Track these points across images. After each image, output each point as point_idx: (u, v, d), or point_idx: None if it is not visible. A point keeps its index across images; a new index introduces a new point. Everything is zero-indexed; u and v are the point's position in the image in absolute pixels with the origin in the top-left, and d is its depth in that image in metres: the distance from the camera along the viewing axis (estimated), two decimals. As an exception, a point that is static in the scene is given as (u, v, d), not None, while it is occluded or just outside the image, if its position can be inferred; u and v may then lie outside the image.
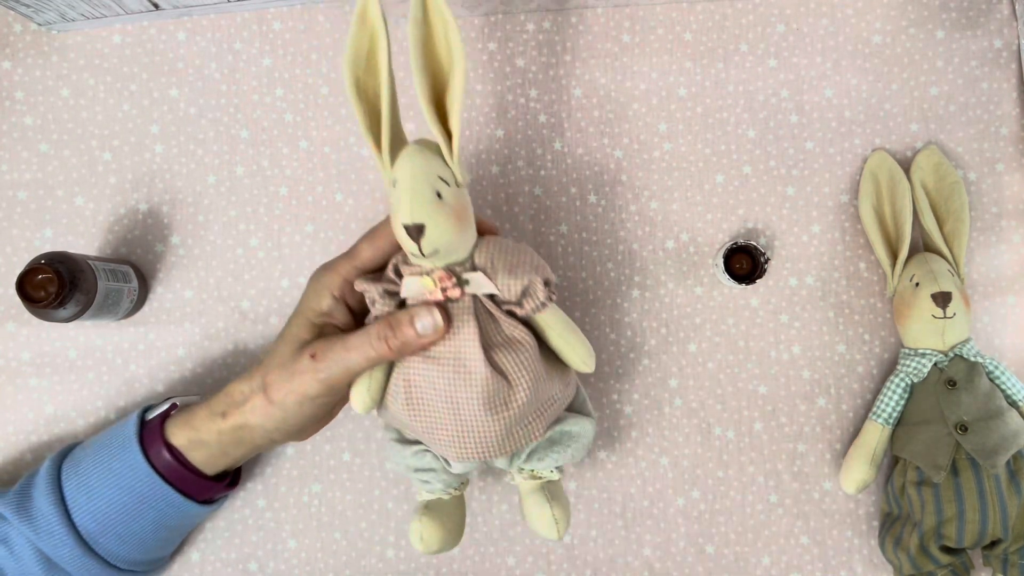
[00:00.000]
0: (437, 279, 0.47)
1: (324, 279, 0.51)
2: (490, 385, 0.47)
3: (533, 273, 0.48)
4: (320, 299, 0.50)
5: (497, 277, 0.47)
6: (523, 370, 0.47)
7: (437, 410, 0.48)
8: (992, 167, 0.64)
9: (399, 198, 0.45)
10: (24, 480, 0.54)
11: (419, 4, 0.45)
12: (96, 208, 0.63)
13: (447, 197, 0.45)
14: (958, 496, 0.55)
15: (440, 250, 0.45)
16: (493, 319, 0.48)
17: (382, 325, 0.47)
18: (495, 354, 0.47)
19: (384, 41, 0.45)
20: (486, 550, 0.62)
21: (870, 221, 0.62)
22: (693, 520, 0.62)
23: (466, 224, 0.47)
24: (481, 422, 0.47)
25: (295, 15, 0.64)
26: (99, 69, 0.63)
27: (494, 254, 0.48)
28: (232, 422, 0.51)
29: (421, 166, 0.45)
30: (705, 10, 0.65)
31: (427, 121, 0.45)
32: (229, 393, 0.52)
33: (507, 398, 0.47)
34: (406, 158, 0.45)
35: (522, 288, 0.47)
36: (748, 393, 0.63)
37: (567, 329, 0.50)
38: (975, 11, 0.65)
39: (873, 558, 0.62)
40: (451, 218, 0.45)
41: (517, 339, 0.48)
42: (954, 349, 0.58)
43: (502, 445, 0.49)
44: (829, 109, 0.64)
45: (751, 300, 0.63)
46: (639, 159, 0.64)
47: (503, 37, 0.64)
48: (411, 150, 0.46)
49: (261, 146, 0.63)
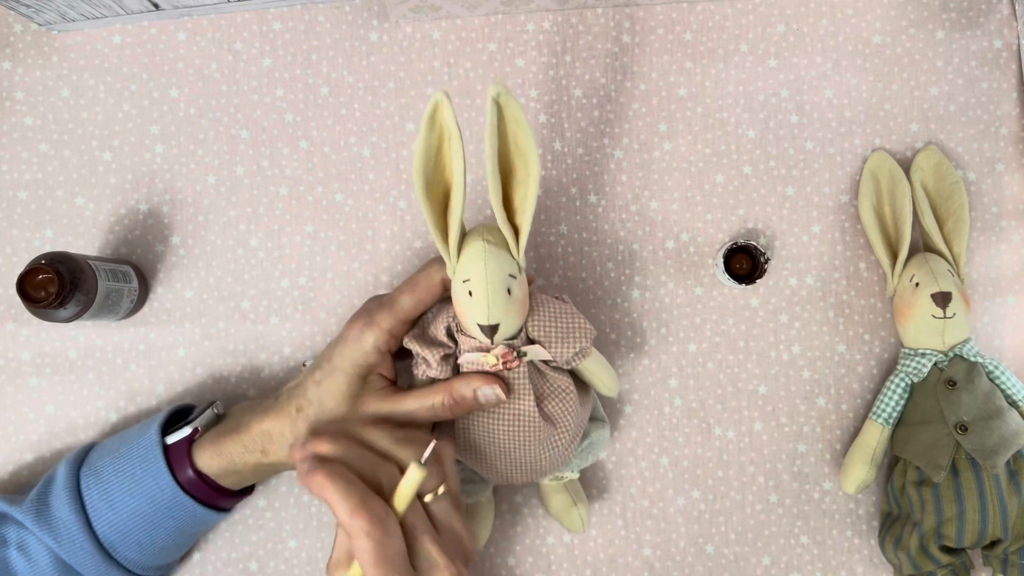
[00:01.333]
0: (499, 355, 0.49)
1: (368, 336, 0.51)
2: (541, 433, 0.51)
3: (584, 339, 0.51)
4: (366, 356, 0.51)
5: (552, 346, 0.51)
6: (567, 415, 0.52)
7: (489, 451, 0.52)
8: (992, 167, 0.64)
9: (475, 301, 0.47)
10: (40, 487, 0.54)
11: (494, 111, 0.45)
12: (96, 208, 0.63)
13: (515, 292, 0.48)
14: (958, 496, 0.55)
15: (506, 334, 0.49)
16: (541, 374, 0.52)
17: (445, 396, 0.50)
18: (544, 404, 0.51)
19: (458, 144, 0.46)
20: (486, 550, 0.62)
21: (870, 221, 0.62)
22: (693, 520, 0.62)
23: (526, 305, 0.50)
24: (529, 459, 0.52)
25: (295, 15, 0.64)
26: (99, 69, 0.63)
27: (546, 324, 0.51)
28: (272, 460, 0.53)
29: (494, 268, 0.47)
30: (705, 10, 0.65)
31: (499, 222, 0.47)
32: (268, 434, 0.52)
33: (553, 440, 0.52)
34: (478, 258, 0.47)
35: (574, 353, 0.51)
36: (748, 393, 0.63)
37: (600, 368, 0.54)
38: (975, 11, 0.65)
39: (873, 558, 0.62)
40: (520, 311, 0.49)
41: (562, 388, 0.52)
42: (954, 349, 0.58)
43: (544, 473, 0.55)
44: (829, 109, 0.64)
45: (751, 300, 0.63)
46: (639, 159, 0.64)
47: (503, 37, 0.64)
48: (482, 249, 0.47)
49: (261, 146, 0.63)
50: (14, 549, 0.53)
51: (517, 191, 0.48)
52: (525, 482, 0.55)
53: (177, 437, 0.54)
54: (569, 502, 0.58)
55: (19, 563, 0.53)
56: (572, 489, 0.59)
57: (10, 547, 0.53)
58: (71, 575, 0.53)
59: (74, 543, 0.52)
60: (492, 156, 0.45)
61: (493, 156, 0.45)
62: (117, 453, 0.54)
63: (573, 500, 0.58)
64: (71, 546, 0.52)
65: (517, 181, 0.48)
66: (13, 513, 0.53)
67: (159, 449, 0.53)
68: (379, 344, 0.51)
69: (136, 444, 0.54)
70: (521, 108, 0.46)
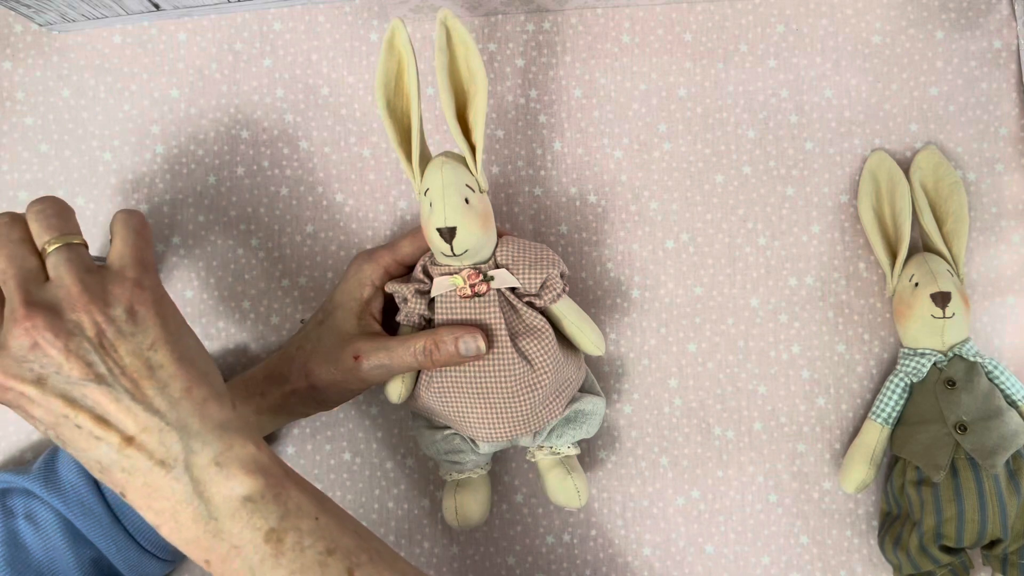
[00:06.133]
0: (466, 276, 0.52)
1: (367, 269, 0.54)
2: (517, 370, 0.52)
3: (551, 267, 0.53)
4: (363, 288, 0.54)
5: (519, 272, 0.53)
6: (545, 355, 0.52)
7: (468, 396, 0.53)
8: (991, 167, 0.64)
9: (432, 205, 0.51)
10: (45, 457, 0.55)
11: (443, 33, 0.51)
12: (96, 208, 0.63)
13: (474, 202, 0.51)
14: (957, 496, 0.55)
15: (469, 250, 0.51)
16: (515, 310, 0.53)
17: (427, 341, 0.51)
18: (519, 342, 0.52)
19: (412, 66, 0.51)
20: (486, 550, 0.62)
21: (869, 221, 0.62)
22: (693, 520, 0.62)
23: (490, 226, 0.52)
24: (509, 404, 0.53)
25: (295, 15, 0.64)
26: (100, 69, 0.63)
27: (515, 252, 0.53)
28: (271, 401, 0.54)
29: (450, 176, 0.51)
30: (705, 10, 0.65)
31: (453, 135, 0.51)
32: (268, 370, 0.54)
33: (532, 381, 0.52)
34: (435, 169, 0.51)
35: (541, 281, 0.53)
36: (748, 393, 0.63)
37: (579, 317, 0.55)
38: (975, 11, 0.65)
39: (873, 558, 0.62)
40: (478, 220, 0.51)
41: (537, 327, 0.53)
42: (953, 349, 0.58)
43: (528, 424, 0.54)
44: (829, 109, 0.64)
45: (751, 300, 0.63)
46: (639, 159, 0.64)
47: (503, 37, 0.64)
48: (439, 162, 0.52)
49: (261, 146, 0.64)
50: (22, 519, 0.53)
51: (470, 110, 0.52)
52: (511, 436, 0.54)
53: None
54: (564, 473, 0.58)
55: (28, 533, 0.53)
56: (568, 464, 0.58)
57: (18, 517, 0.53)
58: (80, 543, 0.53)
59: (83, 505, 0.53)
60: (442, 72, 0.50)
61: (443, 73, 0.50)
62: None
63: (567, 471, 0.58)
64: (79, 508, 0.53)
65: (470, 100, 0.52)
66: (20, 483, 0.54)
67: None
68: (375, 278, 0.54)
69: None
70: (467, 32, 0.51)
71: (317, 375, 0.53)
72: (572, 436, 0.57)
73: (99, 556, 0.54)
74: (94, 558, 0.54)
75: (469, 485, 0.58)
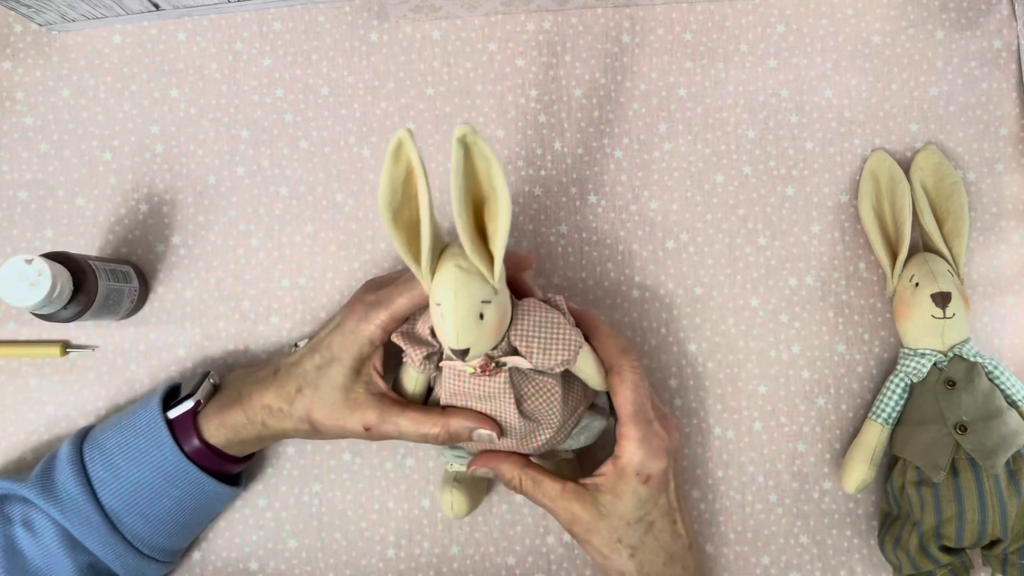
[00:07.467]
0: (477, 367, 0.49)
1: (363, 329, 0.53)
2: (523, 429, 0.52)
3: (565, 351, 0.50)
4: (361, 347, 0.53)
5: (532, 355, 0.50)
6: (550, 413, 0.52)
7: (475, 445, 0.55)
8: (992, 167, 0.64)
9: (444, 326, 0.47)
10: (43, 464, 0.55)
11: (460, 153, 0.43)
12: (97, 208, 0.63)
13: (488, 316, 0.47)
14: (957, 496, 0.55)
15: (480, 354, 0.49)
16: (524, 374, 0.52)
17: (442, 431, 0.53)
18: (525, 405, 0.52)
19: (422, 178, 0.44)
20: (486, 550, 0.62)
21: (870, 221, 0.62)
22: (693, 520, 0.62)
23: (504, 326, 0.49)
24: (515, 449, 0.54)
25: (295, 15, 0.64)
26: (99, 69, 0.63)
27: (528, 331, 0.50)
28: (273, 430, 0.55)
29: (463, 298, 0.46)
30: (705, 10, 0.65)
31: (468, 252, 0.45)
32: (268, 408, 0.54)
33: (535, 435, 0.53)
34: (448, 287, 0.46)
35: (552, 367, 0.50)
36: (748, 393, 0.63)
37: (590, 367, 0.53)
38: (975, 11, 0.65)
39: (873, 558, 0.62)
40: (491, 334, 0.48)
41: (545, 388, 0.52)
42: (953, 349, 0.58)
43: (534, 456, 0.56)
44: (829, 109, 0.64)
45: (751, 300, 0.63)
46: (639, 159, 0.64)
47: (503, 37, 0.64)
48: (453, 279, 0.46)
49: (261, 146, 0.64)
50: (19, 526, 0.53)
51: (490, 223, 0.47)
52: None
53: (180, 411, 0.55)
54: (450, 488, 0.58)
55: (25, 540, 0.53)
56: (566, 468, 0.59)
57: (15, 524, 0.53)
58: (77, 551, 0.53)
59: (80, 514, 0.53)
60: (458, 197, 0.44)
61: (459, 197, 0.44)
62: (120, 427, 0.55)
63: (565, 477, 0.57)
64: (77, 517, 0.53)
65: (490, 213, 0.47)
66: (18, 490, 0.54)
67: (162, 421, 0.54)
68: (374, 339, 0.53)
69: (138, 417, 0.55)
70: (488, 145, 0.44)
71: (322, 424, 0.53)
72: (570, 445, 0.57)
73: (96, 562, 0.54)
74: (91, 564, 0.54)
75: (466, 479, 0.58)
